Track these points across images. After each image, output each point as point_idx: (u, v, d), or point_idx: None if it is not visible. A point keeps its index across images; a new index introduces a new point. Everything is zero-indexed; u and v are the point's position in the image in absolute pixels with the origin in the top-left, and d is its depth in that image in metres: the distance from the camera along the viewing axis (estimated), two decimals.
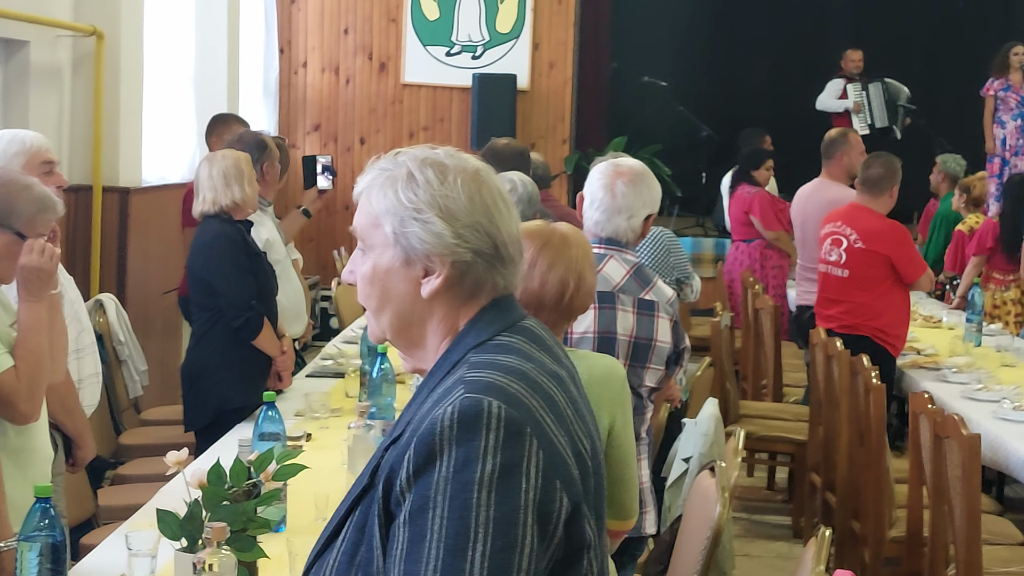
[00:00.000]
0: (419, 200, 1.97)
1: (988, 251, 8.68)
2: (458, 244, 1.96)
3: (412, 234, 1.97)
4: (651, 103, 13.89)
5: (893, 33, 14.83)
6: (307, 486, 3.69)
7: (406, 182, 1.98)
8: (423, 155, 2.02)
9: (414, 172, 1.99)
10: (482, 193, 1.99)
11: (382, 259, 2.01)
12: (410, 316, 2.02)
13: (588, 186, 4.19)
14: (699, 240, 12.41)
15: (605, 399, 3.28)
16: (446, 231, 1.96)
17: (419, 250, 1.97)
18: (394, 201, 1.98)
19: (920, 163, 12.03)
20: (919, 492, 5.05)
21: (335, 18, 11.92)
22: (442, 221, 1.96)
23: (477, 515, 1.78)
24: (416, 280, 1.99)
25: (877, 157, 7.02)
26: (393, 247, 1.99)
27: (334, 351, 6.38)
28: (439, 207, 1.96)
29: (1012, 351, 7.05)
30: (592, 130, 12.67)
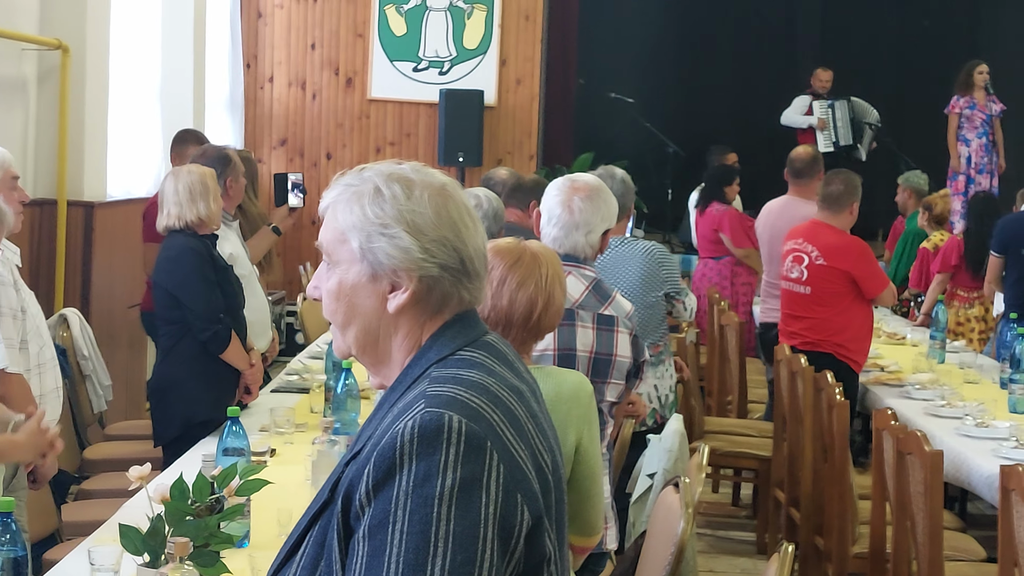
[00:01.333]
0: (386, 215, 1.97)
1: (952, 268, 8.74)
2: (425, 259, 1.97)
3: (379, 249, 1.97)
4: (618, 119, 13.94)
5: (860, 51, 14.93)
6: (271, 501, 3.68)
7: (372, 197, 1.99)
8: (389, 170, 2.03)
9: (380, 187, 1.99)
10: (448, 208, 2.00)
11: (348, 274, 2.01)
12: (376, 331, 2.02)
13: (545, 202, 4.20)
14: None
15: (573, 416, 3.28)
16: (413, 246, 1.97)
17: (386, 265, 1.98)
18: (360, 216, 1.99)
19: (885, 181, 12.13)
20: (882, 508, 5.07)
21: (302, 33, 11.91)
22: (409, 236, 1.97)
23: (437, 529, 1.79)
24: (383, 295, 2.00)
25: (837, 174, 7.06)
26: (359, 262, 1.99)
27: (299, 366, 6.37)
28: (406, 222, 1.97)
29: (975, 368, 7.09)
30: (559, 146, 12.69)
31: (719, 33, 15.09)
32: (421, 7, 11.79)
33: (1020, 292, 7.53)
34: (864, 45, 15.02)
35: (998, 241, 7.75)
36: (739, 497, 7.83)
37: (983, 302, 8.65)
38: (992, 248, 7.82)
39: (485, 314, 3.19)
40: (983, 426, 5.56)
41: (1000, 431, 5.44)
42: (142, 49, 9.17)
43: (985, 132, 11.44)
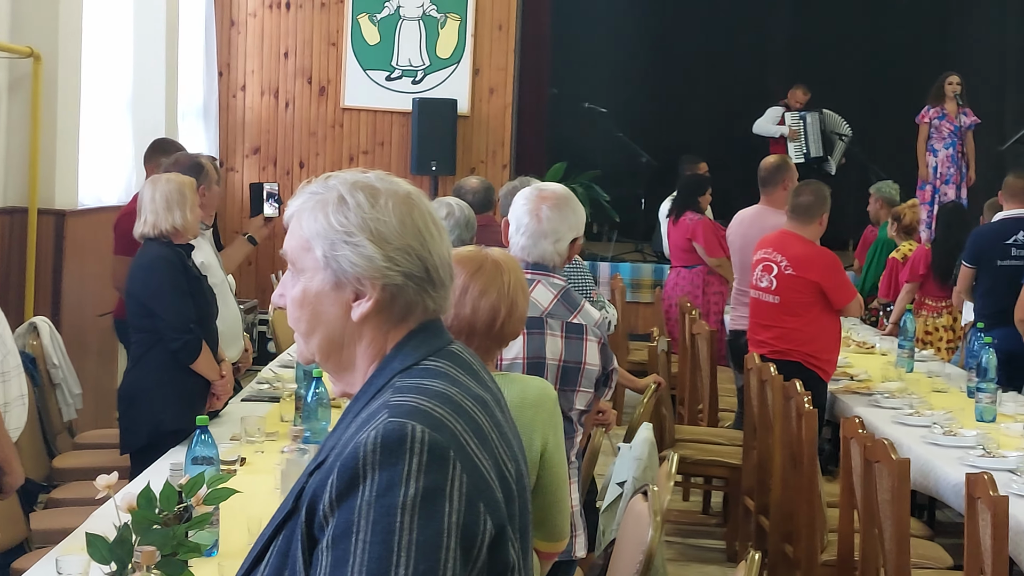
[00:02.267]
0: (350, 223, 1.98)
1: (921, 278, 8.80)
2: (389, 267, 1.97)
3: (343, 257, 1.98)
4: (591, 129, 13.96)
5: (831, 62, 14.99)
6: (240, 510, 3.68)
7: (337, 205, 1.99)
8: (354, 178, 2.03)
9: (345, 195, 2.00)
10: (413, 216, 2.01)
11: (312, 282, 2.01)
12: (340, 339, 2.03)
13: (513, 211, 4.21)
14: (638, 266, 12.48)
15: (538, 422, 3.30)
16: (377, 254, 1.97)
17: (350, 273, 1.98)
18: (325, 224, 1.99)
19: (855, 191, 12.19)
20: (850, 516, 5.10)
21: (275, 41, 11.91)
22: (373, 244, 1.97)
23: (400, 539, 1.79)
24: (346, 303, 2.00)
25: (807, 185, 7.10)
26: (323, 270, 2.00)
27: (270, 375, 6.37)
28: (370, 230, 1.97)
29: (943, 376, 7.14)
30: (532, 155, 12.71)
31: (691, 44, 15.12)
32: (394, 16, 11.81)
33: (990, 303, 7.58)
34: (835, 55, 15.09)
35: (970, 252, 7.79)
36: (709, 505, 7.86)
37: (951, 311, 8.71)
38: (964, 259, 7.86)
39: (448, 322, 3.19)
40: (950, 434, 5.59)
41: (967, 439, 5.48)
42: (114, 57, 9.15)
43: (953, 143, 11.51)
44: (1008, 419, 5.96)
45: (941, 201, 11.20)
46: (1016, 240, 7.59)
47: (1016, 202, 7.72)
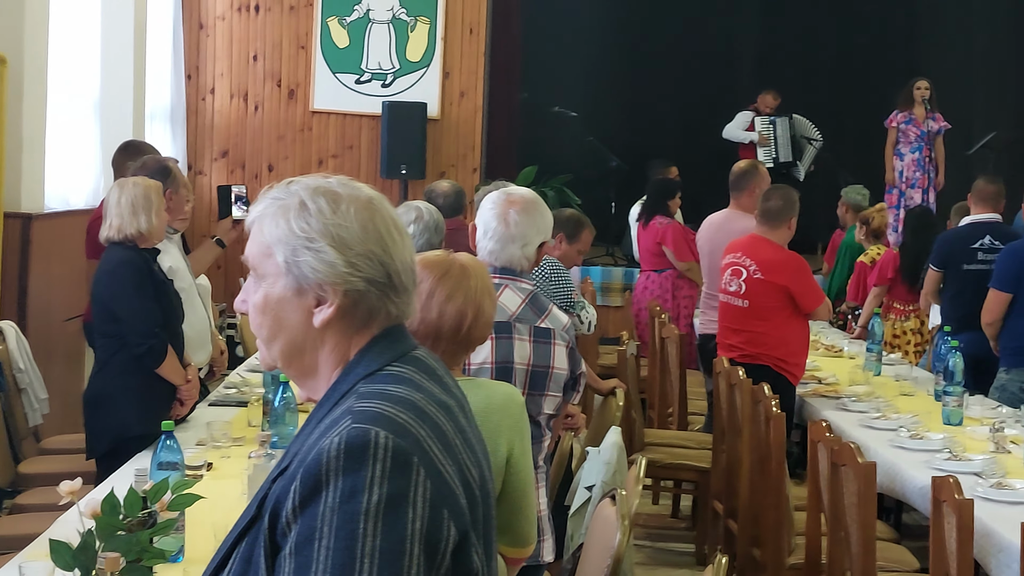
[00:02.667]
0: (311, 229, 1.98)
1: (889, 282, 8.83)
2: (351, 273, 1.97)
3: (304, 263, 1.97)
4: (561, 133, 13.98)
5: (799, 67, 15.05)
6: (206, 515, 3.66)
7: (298, 211, 1.99)
8: (316, 184, 2.03)
9: (306, 201, 1.99)
10: (375, 221, 2.00)
11: (274, 288, 2.01)
12: (302, 345, 2.02)
13: (480, 216, 4.21)
14: (608, 270, 12.49)
15: (504, 427, 3.29)
16: (338, 260, 1.97)
17: (311, 279, 1.98)
18: (286, 230, 1.99)
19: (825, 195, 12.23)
20: (817, 519, 5.12)
21: (244, 44, 11.87)
22: (334, 250, 1.97)
23: (363, 545, 1.79)
24: (308, 309, 2.00)
25: (776, 189, 7.13)
26: (285, 276, 1.99)
27: (238, 379, 6.34)
28: (331, 236, 1.97)
29: (911, 380, 7.17)
30: (503, 159, 12.71)
31: (661, 48, 15.16)
32: (364, 19, 11.79)
33: (957, 306, 7.61)
34: (804, 60, 15.15)
35: (938, 256, 7.82)
36: (679, 509, 7.87)
37: (919, 315, 8.75)
38: (931, 262, 7.89)
39: (415, 327, 3.19)
40: (917, 438, 5.62)
41: (933, 443, 5.50)
42: (81, 59, 9.11)
43: (919, 147, 11.57)
44: (974, 422, 5.98)
45: (907, 205, 11.27)
46: (983, 244, 7.62)
47: (984, 206, 7.75)
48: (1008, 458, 5.24)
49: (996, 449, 5.38)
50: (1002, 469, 4.99)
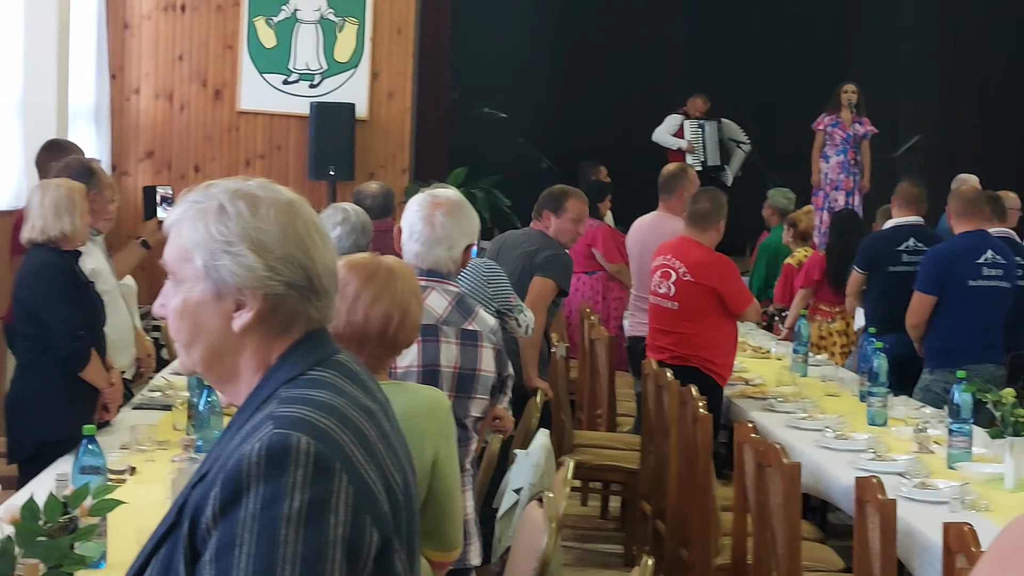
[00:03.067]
0: (230, 233, 1.96)
1: (815, 284, 8.91)
2: (270, 277, 1.95)
3: (223, 267, 1.96)
4: (491, 134, 13.96)
5: (728, 69, 15.14)
6: (130, 520, 3.62)
7: (217, 214, 1.97)
8: (235, 187, 2.01)
9: (225, 204, 1.98)
10: (295, 225, 1.99)
11: (193, 293, 1.99)
12: (222, 350, 2.00)
13: (406, 218, 4.20)
14: None
15: (430, 431, 3.28)
16: (258, 264, 1.95)
17: (230, 283, 1.96)
18: (205, 234, 1.97)
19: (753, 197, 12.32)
20: (743, 520, 5.14)
21: (169, 44, 11.75)
22: (254, 254, 1.95)
23: (284, 551, 1.77)
24: (228, 314, 1.98)
25: (704, 192, 7.17)
26: (204, 280, 1.97)
27: (162, 383, 6.28)
28: (251, 240, 1.95)
29: (836, 381, 7.24)
30: (432, 160, 12.67)
31: (591, 50, 15.20)
32: (291, 20, 11.71)
33: (881, 308, 7.69)
34: (733, 63, 15.24)
35: (863, 258, 7.89)
36: (607, 510, 7.89)
37: (844, 317, 8.83)
38: (856, 264, 7.96)
39: (340, 330, 3.17)
40: (842, 438, 5.66)
41: (858, 443, 5.55)
42: (3, 59, 8.97)
43: (844, 150, 11.70)
44: (899, 423, 6.04)
45: (832, 207, 11.38)
46: (908, 247, 7.71)
47: (907, 209, 7.84)
48: (931, 458, 5.30)
49: (920, 449, 5.43)
50: (925, 469, 5.04)
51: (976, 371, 6.37)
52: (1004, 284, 6.98)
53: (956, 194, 7.25)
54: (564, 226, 6.78)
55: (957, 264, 6.96)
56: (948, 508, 4.50)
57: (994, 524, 4.21)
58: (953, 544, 3.56)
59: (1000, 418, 4.93)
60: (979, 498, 4.56)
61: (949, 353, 6.88)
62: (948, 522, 3.67)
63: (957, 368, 5.78)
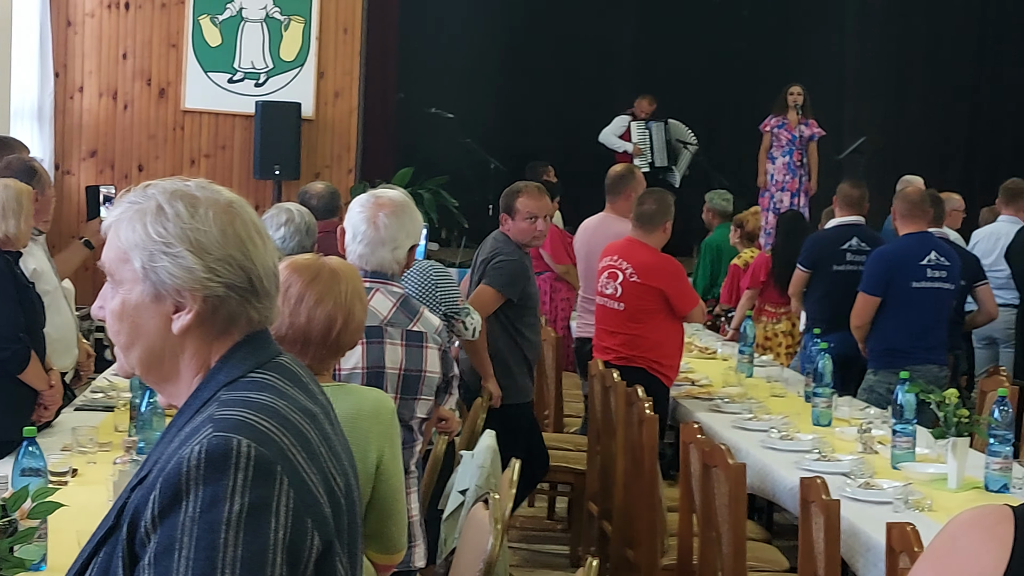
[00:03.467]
0: (168, 234, 1.94)
1: (761, 285, 8.95)
2: (210, 278, 1.93)
3: (162, 269, 1.94)
4: (438, 135, 13.94)
5: (675, 71, 15.19)
6: (71, 523, 3.58)
7: (155, 215, 1.95)
8: (173, 187, 1.99)
9: (163, 205, 1.96)
10: (235, 226, 1.97)
11: (131, 294, 1.97)
12: (161, 352, 1.98)
13: (349, 219, 4.17)
14: None
15: (374, 433, 3.25)
16: (197, 265, 1.93)
17: (169, 285, 1.94)
18: (143, 235, 1.95)
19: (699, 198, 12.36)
20: (689, 520, 5.15)
21: (113, 42, 11.65)
22: (193, 255, 1.93)
23: (224, 555, 1.76)
24: (167, 316, 1.96)
25: (651, 193, 7.18)
26: (142, 282, 1.95)
27: (105, 384, 6.22)
28: (190, 241, 1.93)
29: (782, 381, 7.27)
30: (378, 160, 12.64)
31: (539, 50, 15.22)
32: (236, 18, 11.64)
33: (824, 307, 7.74)
34: (679, 65, 15.30)
35: (807, 257, 7.95)
36: (554, 510, 7.89)
37: (790, 317, 8.87)
38: (800, 263, 8.01)
39: (283, 331, 3.15)
40: (787, 439, 5.68)
41: (803, 444, 5.57)
42: None
43: (790, 152, 11.76)
44: (843, 423, 6.07)
45: (777, 208, 11.44)
46: (851, 246, 7.77)
47: (849, 210, 7.91)
48: (875, 458, 5.33)
49: (864, 450, 5.46)
50: (870, 469, 5.07)
51: (920, 372, 6.43)
52: (948, 286, 7.04)
53: (901, 196, 7.30)
54: (520, 227, 6.53)
55: (901, 266, 7.01)
56: (892, 508, 4.53)
57: (937, 524, 4.23)
58: (896, 544, 3.58)
59: (943, 419, 4.96)
60: (923, 498, 4.58)
61: (893, 354, 6.93)
62: (891, 522, 3.69)
63: (901, 369, 5.82)
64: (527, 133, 14.86)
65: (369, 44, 12.23)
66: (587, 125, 13.92)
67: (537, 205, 6.48)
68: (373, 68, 12.46)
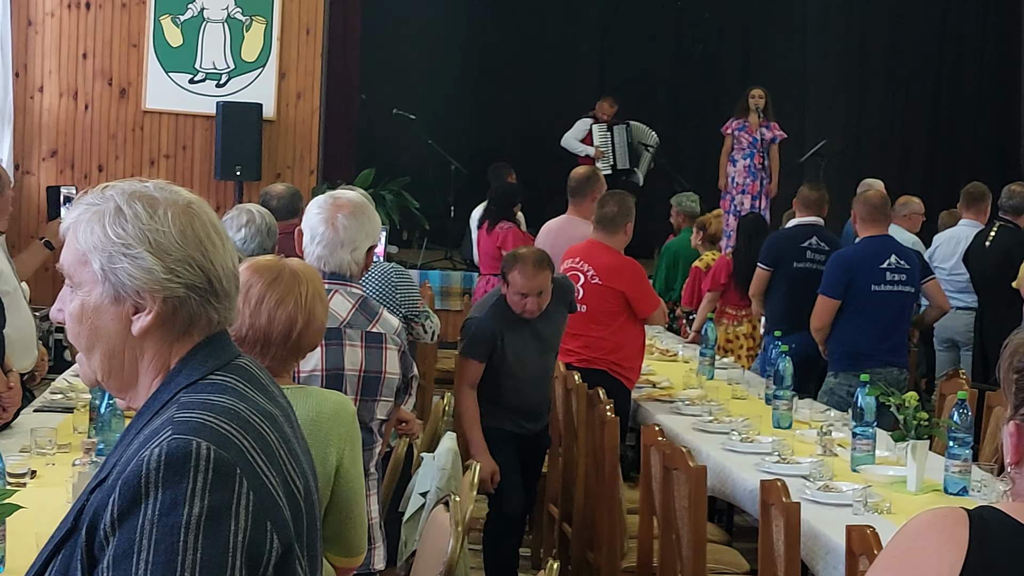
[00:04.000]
0: (128, 235, 1.93)
1: (722, 287, 8.98)
2: (170, 279, 1.93)
3: (121, 270, 1.93)
4: (400, 136, 13.92)
5: (638, 73, 15.24)
6: (29, 525, 3.56)
7: (114, 216, 1.94)
8: (132, 188, 1.98)
9: (122, 206, 1.95)
10: (194, 227, 1.96)
11: (90, 297, 1.96)
12: (121, 355, 1.98)
13: (307, 221, 4.16)
14: (447, 273, 12.48)
15: (334, 436, 3.24)
16: (157, 266, 1.92)
17: (129, 286, 1.93)
18: (101, 237, 1.94)
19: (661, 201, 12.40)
20: (650, 522, 5.16)
21: (74, 42, 11.59)
22: (152, 256, 1.92)
23: (183, 559, 1.75)
24: (126, 317, 1.95)
25: (612, 195, 7.19)
26: (101, 284, 1.94)
27: (64, 384, 6.18)
28: (149, 242, 1.93)
29: (743, 384, 7.29)
30: (340, 161, 12.62)
31: (502, 52, 15.22)
32: (198, 18, 11.60)
33: (784, 307, 7.78)
34: (641, 67, 15.35)
35: (767, 255, 8.00)
36: None
37: (751, 320, 8.91)
38: (761, 261, 8.06)
39: (243, 333, 3.14)
40: (748, 441, 5.70)
41: (764, 446, 5.58)
42: None
43: (751, 154, 11.79)
44: (803, 425, 6.09)
45: (739, 211, 11.48)
46: (811, 244, 7.84)
47: (809, 211, 8.00)
48: (835, 461, 5.34)
49: (824, 452, 5.47)
50: (829, 472, 5.08)
51: (880, 375, 6.46)
52: (908, 289, 7.08)
53: (862, 199, 7.34)
54: (512, 299, 6.02)
55: (861, 269, 7.05)
56: (852, 511, 4.54)
57: (896, 527, 4.22)
58: (856, 547, 3.59)
59: (903, 421, 4.99)
60: (882, 500, 4.60)
61: (853, 357, 6.97)
62: (851, 525, 3.70)
63: (861, 371, 5.85)
64: (490, 135, 14.87)
65: (331, 45, 12.21)
66: (550, 127, 13.94)
67: (528, 285, 5.96)
68: (335, 69, 12.43)
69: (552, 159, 13.47)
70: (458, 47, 15.05)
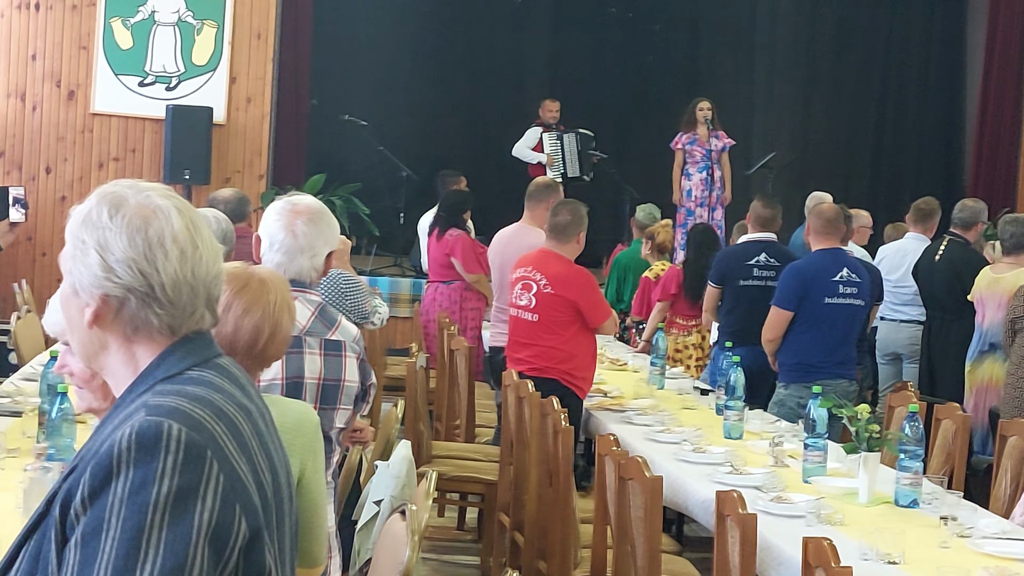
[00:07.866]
0: (86, 233, 2.02)
1: (672, 297, 9.01)
2: (108, 278, 2.00)
3: (77, 264, 2.03)
4: (351, 142, 13.88)
5: (588, 83, 15.30)
6: None
7: (86, 215, 2.04)
8: (111, 191, 2.06)
9: (94, 206, 2.04)
10: (146, 231, 2.02)
11: (64, 286, 2.08)
12: (88, 343, 2.07)
13: (264, 228, 4.12)
14: (396, 280, 12.45)
15: (296, 446, 3.21)
16: (97, 264, 2.00)
17: (79, 281, 2.03)
18: (74, 232, 2.05)
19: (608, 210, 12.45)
20: (603, 532, 5.16)
21: (22, 43, 11.48)
22: (96, 254, 2.01)
23: (149, 536, 1.80)
24: (81, 309, 2.04)
25: (564, 204, 7.19)
26: (68, 276, 2.06)
27: (12, 388, 6.11)
28: (98, 241, 2.01)
29: (693, 394, 7.32)
30: (290, 166, 12.57)
31: (453, 59, 15.23)
32: (148, 21, 11.52)
33: (734, 321, 7.82)
34: (592, 77, 15.41)
35: (716, 272, 8.04)
36: (464, 521, 7.87)
37: (700, 330, 8.95)
38: (710, 279, 8.10)
39: None
40: (700, 451, 5.72)
41: (715, 456, 5.61)
42: None
43: (706, 167, 11.81)
44: (754, 436, 6.13)
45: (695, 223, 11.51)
46: (759, 261, 7.87)
47: (761, 228, 8.04)
48: (787, 472, 5.37)
49: (775, 463, 5.50)
50: (781, 483, 5.11)
51: (830, 387, 6.50)
52: (859, 302, 7.13)
53: (816, 212, 7.38)
54: None
55: (814, 281, 7.09)
56: (804, 522, 4.57)
57: (848, 538, 4.29)
58: (812, 559, 3.61)
59: (855, 433, 5.02)
60: (834, 512, 4.63)
61: (804, 369, 7.01)
62: (808, 536, 3.71)
63: (812, 383, 5.88)
64: (440, 142, 14.87)
65: (282, 50, 12.17)
66: (500, 135, 13.95)
67: None
68: (286, 74, 12.39)
69: (502, 167, 13.48)
70: (410, 54, 15.03)
